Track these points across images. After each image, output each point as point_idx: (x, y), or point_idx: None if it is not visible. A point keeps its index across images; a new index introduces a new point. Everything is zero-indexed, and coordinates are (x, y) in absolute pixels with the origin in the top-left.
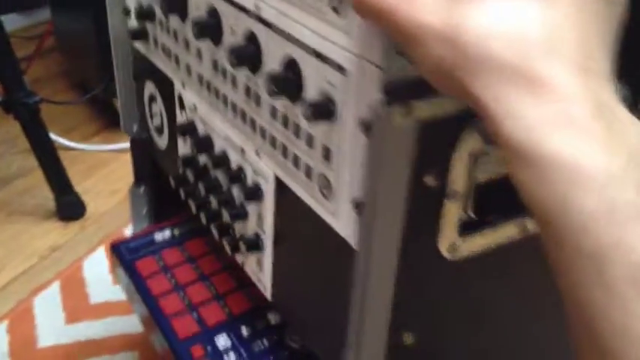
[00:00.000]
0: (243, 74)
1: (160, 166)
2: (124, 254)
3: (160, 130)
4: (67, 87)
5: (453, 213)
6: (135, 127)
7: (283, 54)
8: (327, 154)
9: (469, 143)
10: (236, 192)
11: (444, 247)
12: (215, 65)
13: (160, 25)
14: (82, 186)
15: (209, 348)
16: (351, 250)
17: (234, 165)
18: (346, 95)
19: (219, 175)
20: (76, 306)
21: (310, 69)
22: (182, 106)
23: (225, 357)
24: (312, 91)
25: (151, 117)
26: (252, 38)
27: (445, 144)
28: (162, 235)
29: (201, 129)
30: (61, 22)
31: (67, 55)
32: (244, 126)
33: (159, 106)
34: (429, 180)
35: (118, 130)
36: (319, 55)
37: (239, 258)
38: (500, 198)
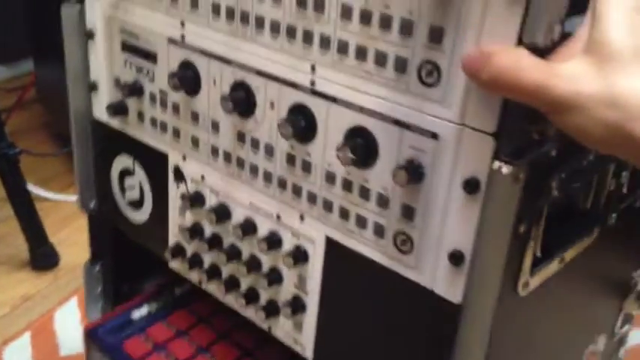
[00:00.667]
0: (287, 145)
1: (135, 240)
2: (104, 338)
3: (136, 204)
4: (47, 138)
5: (530, 254)
6: (92, 203)
7: (350, 124)
8: (408, 213)
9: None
10: (267, 257)
11: (520, 286)
12: (241, 137)
13: (152, 99)
14: (57, 236)
15: None
16: (435, 299)
17: (263, 231)
18: (439, 159)
19: (241, 243)
20: (46, 357)
21: (386, 136)
22: (180, 178)
23: None
24: (389, 156)
25: (123, 191)
26: (301, 111)
27: (535, 194)
28: (139, 313)
29: (212, 199)
30: (44, 74)
31: (48, 107)
32: (283, 193)
33: (137, 180)
34: (522, 228)
35: None
36: (399, 123)
37: (263, 322)
38: (550, 237)
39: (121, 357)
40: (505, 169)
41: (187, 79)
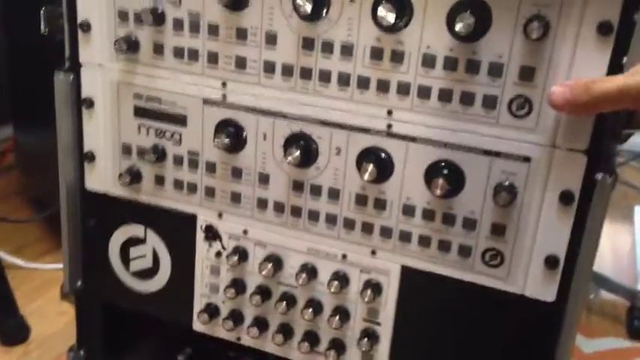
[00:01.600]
0: (357, 187)
1: (143, 311)
2: None
3: (146, 274)
4: (23, 204)
5: None
6: (79, 282)
7: (432, 159)
8: (498, 230)
9: None
10: (331, 298)
11: None
12: (298, 186)
13: (177, 162)
14: (28, 307)
15: None
16: (526, 303)
17: (326, 273)
18: (532, 179)
19: (297, 290)
20: None
21: (474, 166)
22: (214, 237)
23: None
24: (476, 183)
25: (126, 263)
26: (377, 153)
27: None
28: None
29: (258, 252)
30: (23, 139)
31: (26, 173)
32: (350, 233)
33: (149, 248)
34: None
35: None
36: (488, 153)
37: None
38: None
39: None
40: (609, 180)
41: (233, 137)
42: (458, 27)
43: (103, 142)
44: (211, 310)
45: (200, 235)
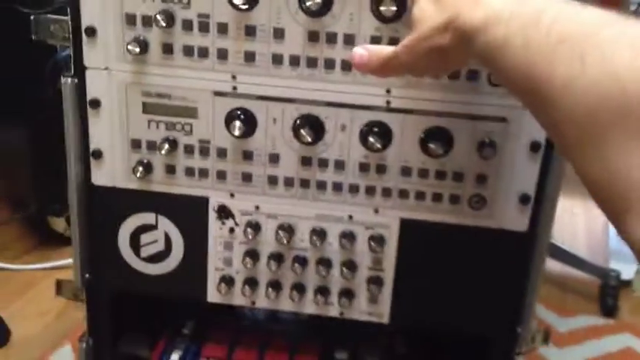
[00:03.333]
0: (359, 156)
1: (154, 292)
2: None
3: (158, 257)
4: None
5: None
6: (88, 274)
7: (427, 127)
8: (482, 179)
9: None
10: (341, 254)
11: None
12: (306, 161)
13: (188, 151)
14: (8, 309)
15: None
16: (505, 234)
17: (335, 234)
18: (508, 135)
19: (309, 252)
20: None
21: (461, 129)
22: (226, 215)
23: None
24: (463, 143)
25: (136, 250)
26: (378, 126)
27: None
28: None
29: (270, 224)
30: None
31: (1, 172)
32: (355, 197)
33: (160, 233)
34: None
35: (51, 247)
36: (472, 117)
37: (335, 310)
38: None
39: None
40: None
41: (244, 123)
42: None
43: (110, 139)
44: (227, 281)
45: (213, 215)
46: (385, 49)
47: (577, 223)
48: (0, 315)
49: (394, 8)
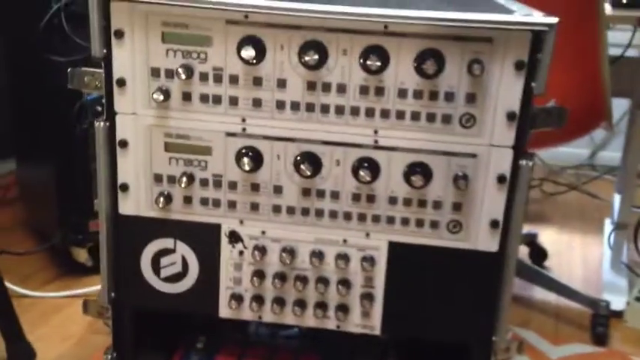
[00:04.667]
0: (353, 187)
1: (173, 309)
2: None
3: (176, 278)
4: (27, 236)
5: None
6: (113, 293)
7: (410, 162)
8: (458, 207)
9: None
10: (336, 274)
11: None
12: (306, 192)
13: (203, 184)
14: (35, 333)
15: None
16: (478, 255)
17: (332, 255)
18: (478, 169)
19: (309, 272)
20: None
21: (438, 163)
22: (236, 240)
23: None
24: (440, 176)
25: (156, 271)
26: (368, 161)
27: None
28: None
29: (274, 247)
30: (25, 174)
31: (28, 206)
32: (349, 223)
33: (178, 256)
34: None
35: (73, 276)
36: (448, 153)
37: (332, 324)
38: None
39: None
40: (529, 164)
41: (252, 160)
42: (423, 69)
43: (134, 175)
44: (236, 298)
45: (224, 240)
46: None
47: (574, 257)
48: (26, 338)
49: (379, 63)
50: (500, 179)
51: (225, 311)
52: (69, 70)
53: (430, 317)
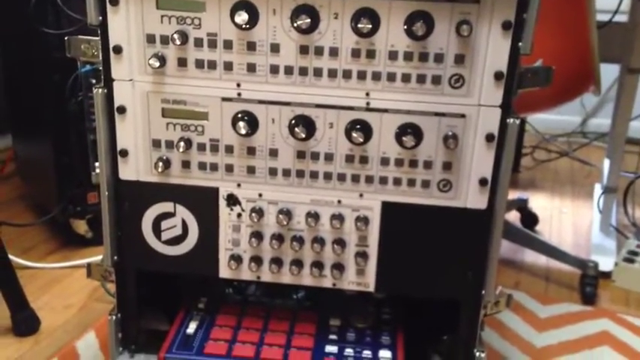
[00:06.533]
0: (346, 149)
1: (173, 271)
2: (184, 353)
3: (176, 240)
4: (26, 209)
5: None
6: (116, 257)
7: (401, 123)
8: (448, 166)
9: None
10: (332, 233)
11: None
12: (301, 155)
13: (201, 149)
14: (37, 302)
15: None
16: (468, 212)
17: (327, 216)
18: (467, 129)
19: (305, 232)
20: None
21: (429, 124)
22: (234, 203)
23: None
24: (431, 136)
25: (157, 234)
26: (360, 123)
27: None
28: (190, 329)
29: (271, 209)
30: (22, 149)
31: (27, 180)
32: (343, 184)
33: (178, 219)
34: None
35: (74, 247)
36: (438, 114)
37: (328, 282)
38: None
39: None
40: (516, 122)
41: (248, 124)
42: (413, 30)
43: (133, 140)
44: (235, 259)
45: (222, 203)
46: None
47: (565, 221)
48: (30, 306)
49: (370, 26)
50: (489, 138)
51: (225, 272)
52: (66, 38)
53: (422, 274)
